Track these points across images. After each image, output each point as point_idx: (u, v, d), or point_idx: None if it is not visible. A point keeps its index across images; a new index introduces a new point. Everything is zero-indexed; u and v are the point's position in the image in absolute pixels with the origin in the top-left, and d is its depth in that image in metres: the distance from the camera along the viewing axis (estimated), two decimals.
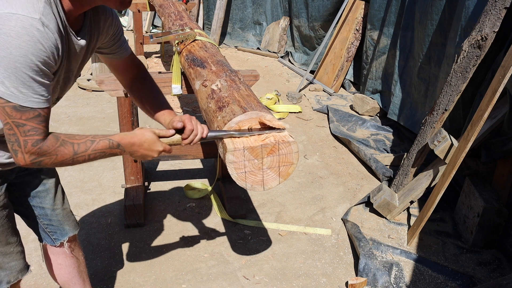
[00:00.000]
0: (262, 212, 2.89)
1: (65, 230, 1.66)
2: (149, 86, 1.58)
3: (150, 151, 1.32)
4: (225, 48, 6.85)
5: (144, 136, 1.30)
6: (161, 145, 1.33)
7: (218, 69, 1.90)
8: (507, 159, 2.55)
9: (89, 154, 1.19)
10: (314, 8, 5.51)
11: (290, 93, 4.80)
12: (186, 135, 1.37)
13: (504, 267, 2.43)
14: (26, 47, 1.00)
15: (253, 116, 1.43)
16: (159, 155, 1.34)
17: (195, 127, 1.37)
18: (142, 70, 1.60)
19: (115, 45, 1.46)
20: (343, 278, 2.36)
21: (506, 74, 2.13)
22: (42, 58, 1.03)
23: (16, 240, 1.45)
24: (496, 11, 2.38)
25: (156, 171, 3.32)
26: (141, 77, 1.59)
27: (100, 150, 1.21)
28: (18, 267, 1.46)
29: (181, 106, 4.50)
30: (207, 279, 2.30)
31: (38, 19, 1.02)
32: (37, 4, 1.03)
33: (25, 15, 1.00)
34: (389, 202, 2.76)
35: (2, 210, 1.38)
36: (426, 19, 3.46)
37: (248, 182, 1.38)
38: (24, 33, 0.99)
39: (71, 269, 1.75)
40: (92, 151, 1.19)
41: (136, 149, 1.29)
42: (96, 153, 1.20)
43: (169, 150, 1.36)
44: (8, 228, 1.41)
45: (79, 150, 1.17)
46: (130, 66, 1.56)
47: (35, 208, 1.58)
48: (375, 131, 4.05)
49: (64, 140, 1.15)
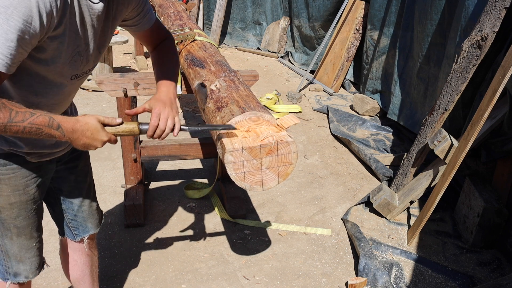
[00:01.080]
0: (262, 212, 2.89)
1: (87, 227, 1.67)
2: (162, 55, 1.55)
3: (93, 140, 1.22)
4: (225, 48, 6.85)
5: (88, 123, 1.20)
6: (106, 135, 1.24)
7: (217, 69, 1.90)
8: (507, 159, 2.54)
9: (25, 126, 1.09)
10: (314, 8, 5.51)
11: (290, 93, 4.80)
12: (151, 132, 1.31)
13: (504, 267, 2.42)
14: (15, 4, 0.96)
15: (252, 117, 1.43)
16: (103, 145, 1.25)
17: (160, 123, 1.31)
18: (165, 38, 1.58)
19: (138, 16, 1.43)
20: (343, 278, 2.36)
21: (506, 74, 2.13)
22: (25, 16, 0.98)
23: (39, 235, 1.47)
24: (496, 11, 2.38)
25: (156, 171, 3.32)
26: (160, 46, 1.56)
27: (37, 125, 1.11)
28: (36, 263, 1.49)
29: (181, 106, 4.50)
30: (207, 279, 2.30)
31: None
32: None
33: None
34: (389, 202, 2.76)
35: (32, 203, 1.39)
36: (426, 19, 3.46)
37: (247, 182, 1.38)
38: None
39: (84, 267, 1.76)
40: (28, 124, 1.09)
41: (78, 136, 1.19)
42: (33, 127, 1.11)
43: (114, 140, 1.27)
44: (34, 222, 1.43)
45: (16, 119, 1.07)
46: (153, 36, 1.54)
47: (64, 201, 1.59)
48: (375, 131, 4.05)
49: (4, 104, 1.06)
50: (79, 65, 1.26)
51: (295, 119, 1.46)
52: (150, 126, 1.31)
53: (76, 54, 1.21)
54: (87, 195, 1.64)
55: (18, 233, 1.39)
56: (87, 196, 1.64)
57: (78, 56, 1.23)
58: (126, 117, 2.09)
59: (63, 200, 1.58)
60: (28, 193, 1.37)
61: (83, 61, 1.26)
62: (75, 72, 1.27)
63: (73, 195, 1.59)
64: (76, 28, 1.16)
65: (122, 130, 1.27)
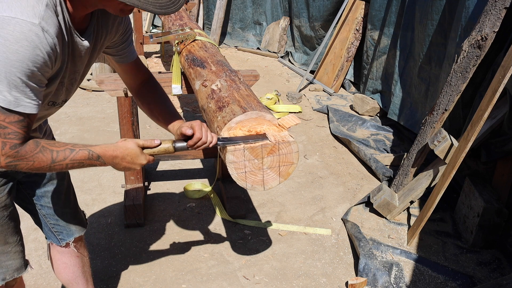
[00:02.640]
0: (262, 212, 2.89)
1: (71, 231, 1.66)
2: (158, 92, 1.56)
3: (133, 164, 1.27)
4: (225, 48, 6.85)
5: (128, 149, 1.25)
6: (145, 158, 1.28)
7: (218, 69, 1.90)
8: (507, 159, 2.55)
9: (67, 163, 1.16)
10: (314, 8, 5.51)
11: (290, 93, 4.80)
12: (193, 142, 1.33)
13: (504, 267, 2.43)
14: (23, 53, 0.98)
15: (253, 116, 1.43)
16: (141, 167, 1.30)
17: (204, 135, 1.34)
18: (150, 76, 1.58)
19: (123, 45, 1.44)
20: (343, 278, 2.36)
21: (506, 74, 2.13)
22: (38, 64, 1.02)
23: (15, 240, 1.44)
24: (496, 11, 2.38)
25: (156, 171, 3.32)
26: (149, 83, 1.57)
27: (78, 160, 1.17)
28: (14, 266, 1.46)
29: (181, 106, 4.50)
30: (207, 279, 2.30)
31: (37, 24, 1.00)
32: (37, 7, 1.01)
33: (24, 19, 0.98)
34: (389, 202, 2.76)
35: (3, 210, 1.37)
36: (426, 19, 3.46)
37: (248, 182, 1.38)
38: (23, 38, 0.98)
39: (75, 268, 1.75)
40: (70, 161, 1.16)
41: (119, 161, 1.24)
42: (74, 163, 1.17)
43: (152, 161, 1.32)
44: (8, 229, 1.40)
45: (58, 159, 1.14)
46: (137, 71, 1.54)
47: (43, 207, 1.57)
48: (375, 131, 4.05)
49: (44, 147, 1.12)
50: (59, 94, 1.27)
51: (296, 119, 1.46)
52: (195, 138, 1.34)
53: (59, 84, 1.22)
54: (67, 198, 1.62)
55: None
56: (66, 200, 1.61)
57: (61, 86, 1.23)
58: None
59: (42, 206, 1.56)
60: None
61: (64, 91, 1.28)
62: (53, 99, 1.28)
63: (52, 199, 1.56)
64: (66, 63, 1.17)
65: (158, 150, 1.32)
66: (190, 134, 1.33)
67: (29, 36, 0.99)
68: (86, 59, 1.28)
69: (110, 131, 3.86)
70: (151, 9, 1.07)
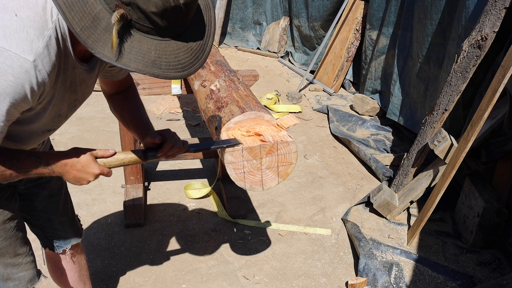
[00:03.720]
0: (262, 212, 2.89)
1: (69, 238, 1.64)
2: (133, 99, 1.50)
3: (84, 173, 1.17)
4: (225, 48, 6.85)
5: (78, 156, 1.16)
6: (98, 168, 1.19)
7: (217, 69, 1.90)
8: (507, 159, 2.54)
9: (11, 173, 1.08)
10: (314, 8, 5.51)
11: (290, 93, 4.80)
12: (163, 152, 1.29)
13: (504, 267, 2.42)
14: (5, 87, 0.92)
15: (252, 117, 1.43)
16: (95, 178, 1.20)
17: (175, 143, 1.29)
18: (130, 84, 1.53)
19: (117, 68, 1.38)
20: (343, 278, 2.36)
21: (506, 74, 2.13)
22: (16, 101, 0.96)
23: (25, 250, 1.41)
24: (496, 11, 2.38)
25: (156, 171, 3.32)
26: (126, 90, 1.51)
27: (24, 169, 1.10)
28: (27, 277, 1.42)
29: (181, 106, 4.50)
30: (207, 279, 2.30)
31: (31, 61, 0.94)
32: (36, 42, 0.95)
33: (18, 54, 0.92)
34: (389, 202, 2.76)
35: (9, 222, 1.33)
36: (426, 18, 3.46)
37: (247, 182, 1.38)
38: (10, 72, 0.92)
39: (72, 273, 1.75)
40: (15, 170, 1.08)
41: (68, 169, 1.15)
42: (20, 172, 1.09)
43: (107, 173, 1.22)
44: (17, 240, 1.37)
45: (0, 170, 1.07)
46: (121, 85, 1.48)
47: (41, 217, 1.55)
48: (375, 131, 4.05)
49: None
50: (56, 124, 1.24)
51: (294, 119, 1.46)
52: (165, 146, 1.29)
53: (56, 116, 1.18)
54: (64, 208, 1.60)
55: (1, 254, 1.33)
56: (64, 209, 1.60)
57: (58, 117, 1.20)
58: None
59: (39, 216, 1.54)
60: (4, 213, 1.31)
61: (61, 120, 1.24)
62: (49, 127, 1.24)
63: (49, 209, 1.54)
64: (63, 95, 1.13)
65: (128, 160, 1.24)
66: (159, 142, 1.29)
67: (17, 72, 0.93)
68: (86, 84, 1.23)
69: (110, 131, 3.86)
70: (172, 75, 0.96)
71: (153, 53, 0.92)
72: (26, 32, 0.93)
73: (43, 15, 0.96)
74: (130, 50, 0.91)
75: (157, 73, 0.93)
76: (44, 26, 0.96)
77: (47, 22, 0.96)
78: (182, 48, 0.96)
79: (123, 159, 1.24)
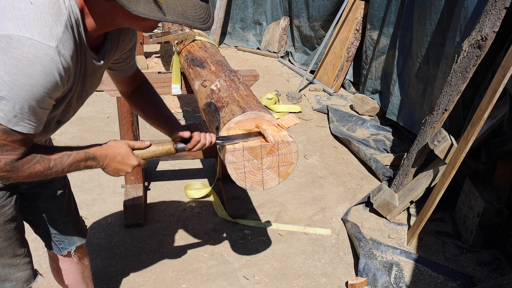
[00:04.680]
0: (262, 212, 2.89)
1: (73, 240, 1.64)
2: (151, 95, 1.53)
3: (124, 165, 1.22)
4: (225, 48, 6.85)
5: (118, 148, 1.21)
6: (136, 159, 1.24)
7: (218, 69, 1.90)
8: (507, 159, 2.54)
9: (64, 168, 1.12)
10: (314, 8, 5.51)
11: (290, 93, 4.80)
12: (192, 145, 1.32)
13: (504, 267, 2.42)
14: (36, 77, 0.93)
15: (252, 117, 1.43)
16: (133, 170, 1.25)
17: (202, 137, 1.32)
18: (144, 80, 1.56)
19: (126, 61, 1.40)
20: (343, 278, 2.36)
21: (506, 74, 2.13)
22: (49, 89, 0.97)
23: (23, 251, 1.41)
24: (496, 11, 2.38)
25: (156, 171, 3.32)
26: (142, 87, 1.53)
27: (75, 164, 1.14)
28: (24, 278, 1.43)
29: (181, 106, 4.50)
30: (207, 279, 2.30)
31: (54, 47, 0.94)
32: (55, 28, 0.95)
33: (41, 41, 0.92)
34: (389, 202, 2.76)
35: (10, 223, 1.33)
36: (425, 18, 3.46)
37: (247, 182, 1.38)
38: (37, 62, 0.92)
39: (75, 274, 1.74)
40: (67, 165, 1.12)
41: (109, 162, 1.20)
42: (71, 167, 1.13)
43: (143, 164, 1.27)
44: (16, 241, 1.37)
45: (55, 167, 1.10)
46: (133, 81, 1.51)
47: (45, 218, 1.55)
48: (375, 131, 4.05)
49: (42, 157, 1.08)
50: (66, 114, 1.25)
51: (295, 119, 1.46)
52: (193, 141, 1.32)
53: (67, 105, 1.19)
54: (68, 208, 1.60)
55: (0, 254, 1.33)
56: (68, 209, 1.60)
57: (68, 106, 1.20)
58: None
59: (42, 217, 1.54)
60: (5, 214, 1.30)
61: (71, 111, 1.25)
62: (60, 118, 1.25)
63: (53, 210, 1.54)
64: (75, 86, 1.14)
65: (159, 152, 1.28)
66: (188, 137, 1.32)
67: (44, 61, 0.93)
68: (97, 76, 1.24)
69: (110, 131, 3.86)
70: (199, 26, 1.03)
71: (179, 7, 1.01)
72: (44, 18, 0.94)
73: (56, 1, 0.97)
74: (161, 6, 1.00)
75: (189, 23, 1.01)
76: (60, 12, 0.97)
77: (61, 7, 0.98)
78: (197, 5, 1.05)
79: (155, 151, 1.29)
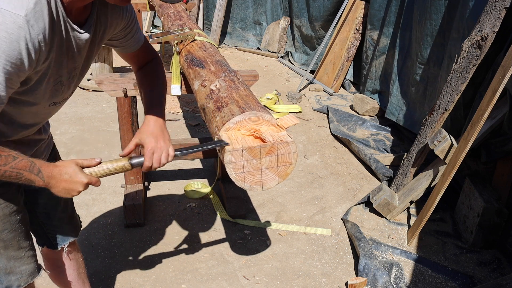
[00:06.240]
0: (262, 212, 2.89)
1: (67, 236, 1.65)
2: (151, 77, 1.52)
3: (72, 183, 1.19)
4: (225, 48, 6.85)
5: (65, 167, 1.18)
6: (85, 177, 1.20)
7: (217, 69, 1.90)
8: (507, 159, 2.54)
9: (6, 170, 1.08)
10: (314, 8, 5.51)
11: (290, 93, 4.80)
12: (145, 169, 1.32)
13: (504, 267, 2.42)
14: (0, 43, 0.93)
15: (252, 117, 1.43)
16: (85, 188, 1.21)
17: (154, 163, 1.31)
18: (153, 58, 1.55)
19: (125, 38, 1.40)
20: (343, 278, 2.36)
21: (506, 74, 2.12)
22: (13, 59, 0.96)
23: (28, 244, 1.42)
24: (496, 11, 2.38)
25: (156, 171, 3.32)
26: (147, 66, 1.53)
27: (18, 169, 1.10)
28: (28, 271, 1.43)
29: (181, 106, 4.50)
30: (207, 279, 2.30)
31: (23, 16, 0.94)
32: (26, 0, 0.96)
33: (9, 10, 0.93)
34: (389, 202, 2.76)
35: (16, 214, 1.34)
36: (425, 18, 3.46)
37: (247, 182, 1.38)
38: (2, 28, 0.92)
39: (70, 271, 1.75)
40: (10, 168, 1.08)
41: (56, 181, 1.17)
42: (13, 171, 1.09)
43: (95, 182, 1.23)
44: (21, 233, 1.38)
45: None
46: (140, 56, 1.51)
47: (41, 214, 1.56)
48: (375, 131, 4.05)
49: None
50: (60, 94, 1.24)
51: (294, 119, 1.45)
52: (144, 167, 1.31)
53: (57, 83, 1.19)
54: (65, 204, 1.60)
55: (5, 246, 1.34)
56: (64, 205, 1.60)
57: (60, 85, 1.20)
58: None
59: (39, 212, 1.55)
60: (11, 206, 1.31)
61: (64, 90, 1.24)
62: (54, 100, 1.25)
63: (50, 206, 1.55)
64: (61, 60, 1.13)
65: (114, 168, 1.24)
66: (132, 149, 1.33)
67: (10, 28, 0.93)
68: (85, 53, 1.23)
69: (110, 131, 3.86)
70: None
71: None
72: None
73: None
74: None
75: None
76: None
77: None
78: None
79: (108, 167, 1.25)
